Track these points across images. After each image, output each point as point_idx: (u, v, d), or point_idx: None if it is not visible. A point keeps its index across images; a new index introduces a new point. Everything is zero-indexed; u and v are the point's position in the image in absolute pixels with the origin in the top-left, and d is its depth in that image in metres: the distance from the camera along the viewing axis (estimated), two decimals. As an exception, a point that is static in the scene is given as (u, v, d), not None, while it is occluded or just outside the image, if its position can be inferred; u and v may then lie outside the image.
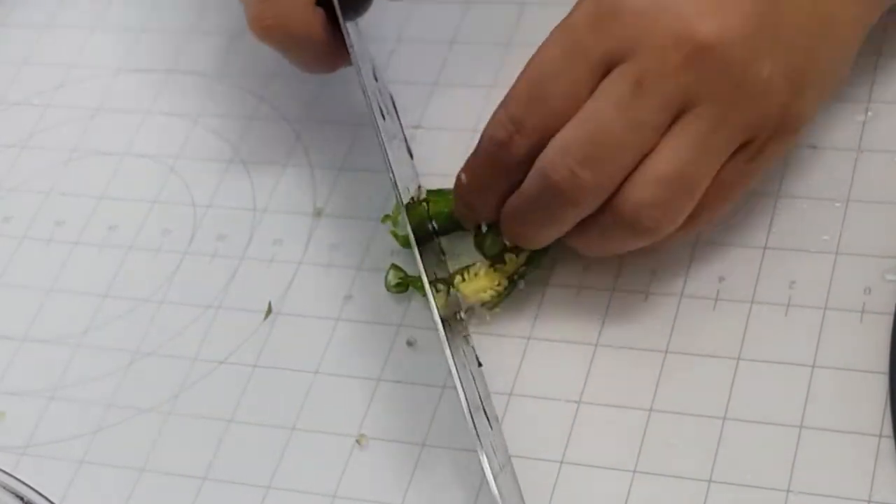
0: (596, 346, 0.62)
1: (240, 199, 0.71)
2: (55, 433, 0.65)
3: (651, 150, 0.58)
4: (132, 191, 0.73)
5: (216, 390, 0.64)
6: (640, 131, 0.58)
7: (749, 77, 0.57)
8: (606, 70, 0.58)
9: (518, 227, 0.61)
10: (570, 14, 0.60)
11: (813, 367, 0.59)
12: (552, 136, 0.59)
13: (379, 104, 0.65)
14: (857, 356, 0.59)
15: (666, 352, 0.61)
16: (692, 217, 0.59)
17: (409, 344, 0.64)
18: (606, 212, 0.59)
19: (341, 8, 0.66)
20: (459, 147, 0.70)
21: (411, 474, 0.60)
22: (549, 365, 0.62)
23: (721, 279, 0.62)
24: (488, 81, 0.72)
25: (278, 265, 0.68)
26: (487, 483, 0.55)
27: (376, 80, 0.67)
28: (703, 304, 0.62)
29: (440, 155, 0.70)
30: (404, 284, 0.65)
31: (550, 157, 0.59)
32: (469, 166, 0.62)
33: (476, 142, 0.65)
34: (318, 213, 0.69)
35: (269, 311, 0.66)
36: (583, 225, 0.60)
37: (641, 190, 0.58)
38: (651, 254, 0.62)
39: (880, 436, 0.57)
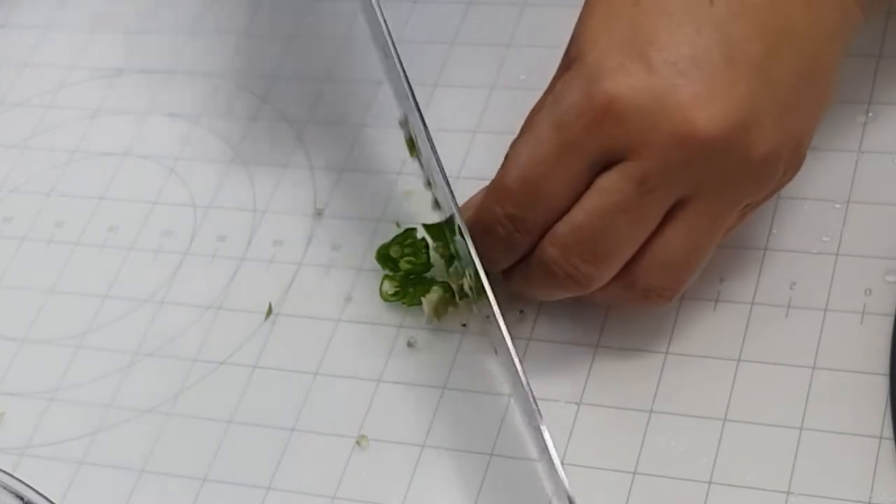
0: (596, 347, 0.62)
1: (240, 200, 0.71)
2: (55, 434, 0.65)
3: (653, 233, 0.58)
4: (132, 192, 0.73)
5: (216, 391, 0.64)
6: (643, 225, 0.57)
7: (750, 158, 0.57)
8: (605, 164, 0.57)
9: (524, 291, 0.61)
10: (558, 102, 0.57)
11: (813, 368, 0.59)
12: (551, 226, 0.59)
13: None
14: (857, 358, 0.59)
15: (666, 353, 0.61)
16: None
17: (410, 345, 0.64)
18: (615, 284, 0.59)
19: None
20: (459, 148, 0.70)
21: (411, 476, 0.60)
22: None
23: (721, 280, 0.62)
24: (488, 82, 0.72)
25: (279, 266, 0.68)
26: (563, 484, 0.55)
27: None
28: (703, 305, 0.62)
29: (441, 154, 0.70)
30: (401, 294, 0.65)
31: (553, 252, 0.58)
32: (469, 227, 0.61)
33: (472, 144, 0.66)
34: (318, 214, 0.69)
35: (270, 311, 0.66)
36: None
37: (649, 277, 0.58)
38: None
39: (881, 438, 0.57)
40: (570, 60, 0.59)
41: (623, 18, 0.58)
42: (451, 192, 0.61)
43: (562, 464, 0.55)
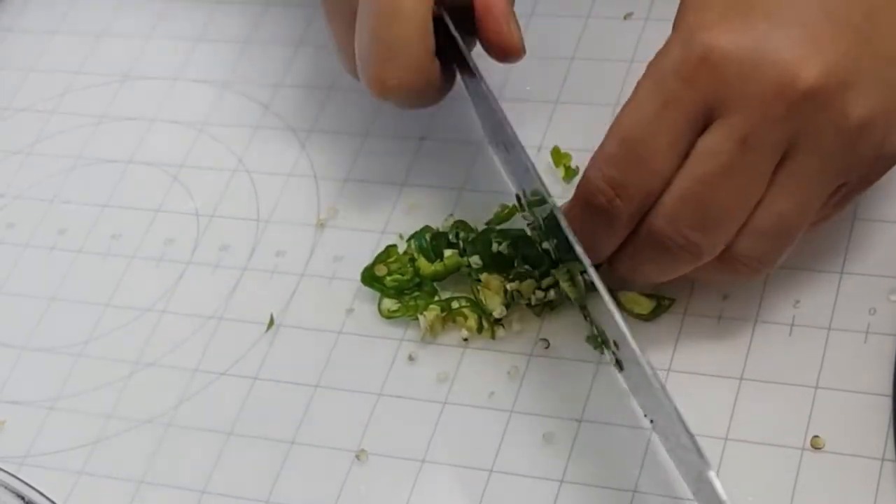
0: (598, 363, 0.62)
1: (244, 209, 0.71)
2: (55, 443, 0.64)
3: (759, 199, 0.57)
4: (136, 199, 0.73)
5: (216, 402, 0.64)
6: (748, 188, 0.56)
7: (848, 121, 0.56)
8: (705, 121, 0.56)
9: (632, 273, 0.60)
10: (657, 62, 0.57)
11: (816, 388, 0.59)
12: (655, 194, 0.57)
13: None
14: (860, 378, 0.59)
15: (668, 370, 0.61)
16: None
17: (411, 359, 0.63)
18: (714, 259, 0.58)
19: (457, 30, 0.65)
20: (463, 159, 0.70)
21: (410, 491, 0.60)
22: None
23: (724, 297, 0.62)
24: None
25: (281, 276, 0.68)
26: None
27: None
28: (705, 322, 0.62)
29: (444, 165, 0.70)
30: (401, 310, 0.64)
31: (660, 224, 0.57)
32: (569, 215, 0.59)
33: (479, 154, 0.66)
34: (321, 225, 0.69)
35: (271, 323, 0.66)
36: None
37: (748, 243, 0.57)
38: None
39: (883, 459, 0.56)
40: (674, 24, 0.58)
41: None
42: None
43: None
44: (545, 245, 0.62)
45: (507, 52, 0.64)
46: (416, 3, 0.62)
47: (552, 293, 0.63)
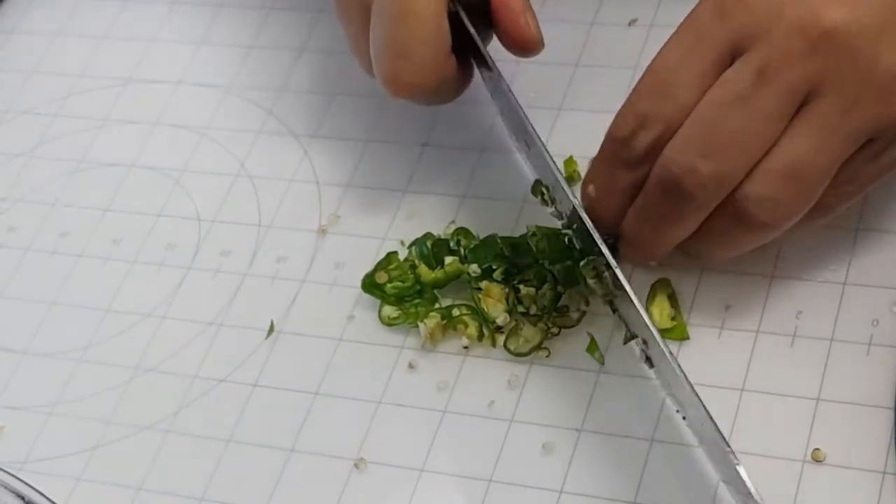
0: (599, 373, 0.61)
1: (245, 215, 0.71)
2: (54, 449, 0.64)
3: (774, 142, 0.56)
4: (137, 203, 0.73)
5: (216, 409, 0.64)
6: (762, 122, 0.56)
7: (877, 69, 0.55)
8: (732, 60, 0.57)
9: (640, 229, 0.60)
10: (697, 5, 0.58)
11: (818, 399, 0.58)
12: (675, 126, 0.57)
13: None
14: (862, 390, 0.58)
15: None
16: (810, 213, 0.58)
17: (411, 367, 0.63)
18: (725, 209, 0.57)
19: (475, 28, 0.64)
20: (465, 166, 0.69)
21: (409, 500, 0.59)
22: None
23: (727, 308, 0.62)
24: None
25: (281, 283, 0.68)
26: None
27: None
28: (707, 332, 0.61)
29: (446, 172, 0.70)
30: (402, 318, 0.64)
31: (671, 151, 0.57)
32: (593, 168, 0.61)
33: (480, 160, 0.65)
34: (323, 231, 0.69)
35: (272, 329, 0.66)
36: (702, 228, 0.59)
37: (760, 185, 0.56)
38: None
39: (884, 473, 0.56)
40: None
41: None
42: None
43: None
44: (569, 239, 0.62)
45: (524, 45, 0.64)
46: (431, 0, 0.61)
47: (549, 296, 0.62)
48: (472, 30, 0.63)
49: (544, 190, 0.63)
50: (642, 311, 0.57)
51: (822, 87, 0.56)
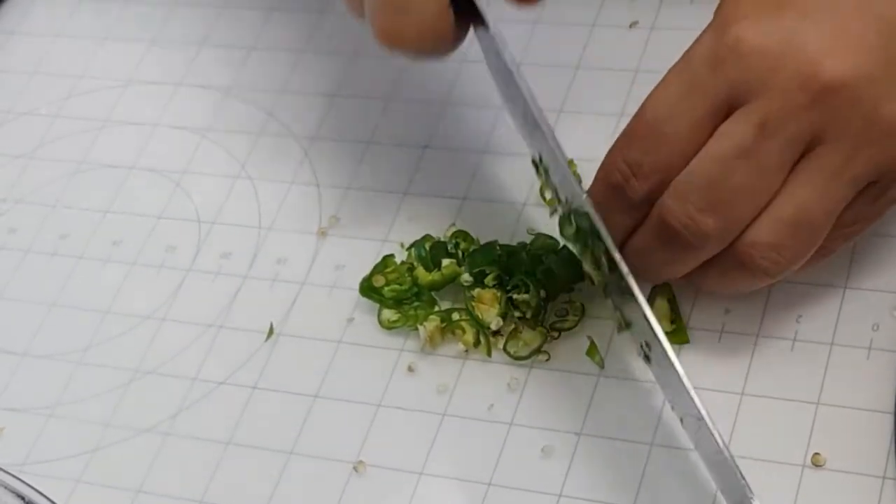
0: (599, 376, 0.61)
1: (245, 216, 0.71)
2: (53, 451, 0.64)
3: (776, 191, 0.56)
4: (137, 205, 0.72)
5: (215, 411, 0.64)
6: (763, 175, 0.56)
7: (878, 116, 0.55)
8: (728, 111, 0.56)
9: (640, 265, 0.59)
10: (689, 50, 0.58)
11: (818, 404, 0.58)
12: (671, 178, 0.57)
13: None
14: (862, 394, 0.58)
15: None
16: (811, 256, 0.58)
17: (411, 370, 0.63)
18: (727, 252, 0.57)
19: None
20: (466, 168, 0.69)
21: (408, 503, 0.59)
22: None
23: (726, 311, 0.61)
24: (498, 102, 0.71)
25: (281, 285, 0.67)
26: None
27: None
28: (707, 336, 0.61)
29: (446, 174, 0.70)
30: (402, 320, 0.64)
31: (669, 203, 0.57)
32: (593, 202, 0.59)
33: (481, 163, 0.65)
34: (323, 233, 0.69)
35: (271, 332, 0.66)
36: (703, 264, 0.58)
37: (764, 233, 0.56)
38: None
39: (884, 478, 0.56)
40: (713, 17, 0.58)
41: None
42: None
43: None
44: (566, 232, 0.61)
45: None
46: None
47: (534, 302, 0.62)
48: None
49: (536, 160, 0.62)
50: (642, 302, 0.56)
51: (823, 135, 0.55)
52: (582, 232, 0.60)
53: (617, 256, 0.57)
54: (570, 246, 0.62)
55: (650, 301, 0.62)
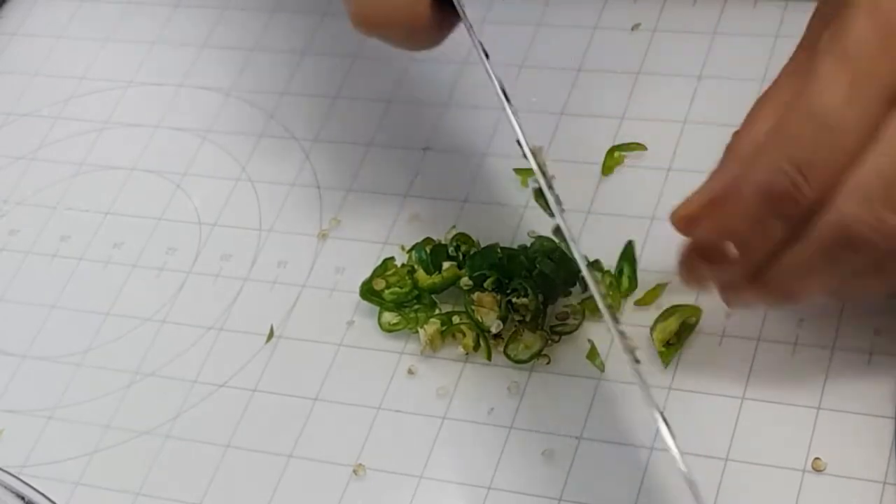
0: (599, 380, 0.61)
1: (246, 219, 0.71)
2: (53, 453, 0.64)
3: None
4: (138, 207, 0.72)
5: (215, 414, 0.64)
6: None
7: None
8: None
9: (792, 286, 0.54)
10: (838, 38, 0.52)
11: (819, 408, 0.58)
12: (841, 179, 0.51)
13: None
14: (863, 399, 0.58)
15: (669, 388, 0.60)
16: None
17: (410, 373, 0.63)
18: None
19: None
20: (467, 170, 0.69)
21: (407, 507, 0.59)
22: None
23: (728, 315, 0.61)
24: (499, 105, 0.71)
25: (282, 287, 0.67)
26: None
27: (487, 57, 0.61)
28: (708, 340, 0.61)
29: (447, 177, 0.69)
30: (402, 323, 0.64)
31: (850, 207, 0.51)
32: (715, 224, 0.54)
33: (482, 165, 0.64)
34: (323, 235, 0.69)
35: (271, 334, 0.66)
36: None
37: None
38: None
39: (884, 483, 0.56)
40: (835, 7, 0.53)
41: None
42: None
43: None
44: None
45: None
46: None
47: (532, 306, 0.62)
48: None
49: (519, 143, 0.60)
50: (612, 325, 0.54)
51: None
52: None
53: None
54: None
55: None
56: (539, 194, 0.60)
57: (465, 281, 0.63)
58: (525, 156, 0.57)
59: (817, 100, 0.52)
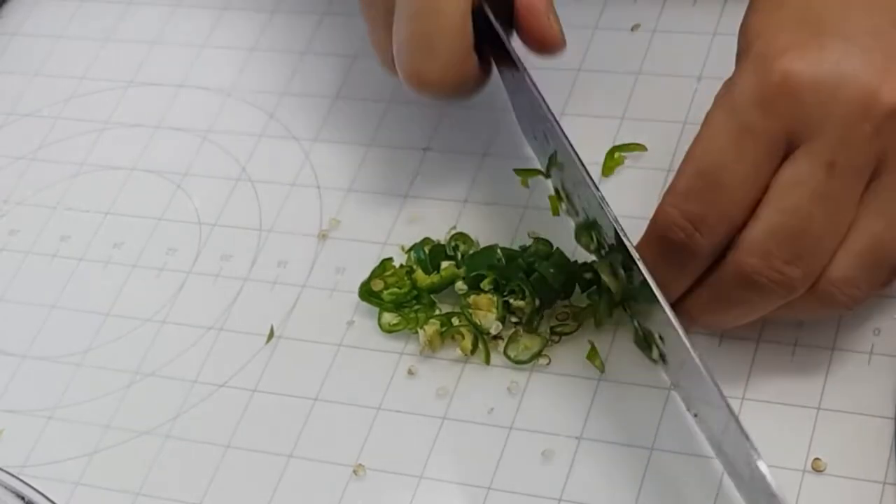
0: (599, 380, 0.61)
1: (246, 219, 0.71)
2: (53, 453, 0.64)
3: (849, 226, 0.55)
4: (139, 207, 0.72)
5: (215, 414, 0.64)
6: (839, 213, 0.55)
7: None
8: (786, 150, 0.55)
9: (707, 318, 0.58)
10: (730, 91, 0.56)
11: (818, 409, 0.58)
12: (735, 228, 0.55)
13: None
14: (863, 400, 0.58)
15: (669, 389, 0.60)
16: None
17: (411, 373, 0.63)
18: (807, 292, 0.56)
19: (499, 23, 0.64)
20: (467, 170, 0.69)
21: (407, 508, 0.59)
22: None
23: (728, 316, 0.62)
24: (500, 105, 0.71)
25: (282, 288, 0.67)
26: None
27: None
28: (708, 341, 0.61)
29: (447, 177, 0.69)
30: (402, 324, 0.64)
31: (750, 259, 0.55)
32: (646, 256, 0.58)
33: (482, 165, 0.64)
34: (324, 236, 0.69)
35: (271, 335, 0.66)
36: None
37: (842, 269, 0.55)
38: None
39: (884, 483, 0.56)
40: (739, 55, 0.57)
41: (790, 6, 0.56)
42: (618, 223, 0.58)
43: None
44: (584, 241, 0.61)
45: (548, 45, 0.63)
46: None
47: (529, 308, 0.62)
48: (497, 26, 0.63)
49: (558, 188, 0.63)
50: (666, 307, 0.55)
51: (887, 161, 0.54)
52: (600, 245, 0.60)
53: (642, 267, 0.56)
54: (592, 256, 0.62)
55: None
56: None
57: (460, 285, 0.63)
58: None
59: (704, 154, 0.55)
